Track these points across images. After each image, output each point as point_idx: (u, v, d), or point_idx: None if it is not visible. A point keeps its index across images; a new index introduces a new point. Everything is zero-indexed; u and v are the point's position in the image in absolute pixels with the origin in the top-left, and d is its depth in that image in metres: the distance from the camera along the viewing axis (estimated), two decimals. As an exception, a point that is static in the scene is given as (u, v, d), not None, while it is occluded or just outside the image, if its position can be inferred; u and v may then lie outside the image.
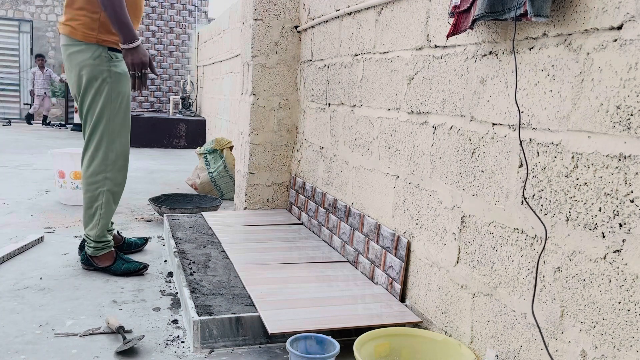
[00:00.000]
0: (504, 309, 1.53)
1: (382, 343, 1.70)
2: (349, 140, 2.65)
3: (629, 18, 1.13)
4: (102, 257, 2.58)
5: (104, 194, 2.53)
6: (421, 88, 1.99)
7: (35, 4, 11.83)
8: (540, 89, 1.40)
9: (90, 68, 2.44)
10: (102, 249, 2.58)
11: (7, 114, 11.93)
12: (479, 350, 1.64)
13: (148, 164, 6.33)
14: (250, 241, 2.83)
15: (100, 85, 2.45)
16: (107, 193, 2.54)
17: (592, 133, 1.23)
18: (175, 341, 1.93)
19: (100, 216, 2.54)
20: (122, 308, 2.20)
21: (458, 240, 1.76)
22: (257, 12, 3.30)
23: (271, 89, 3.39)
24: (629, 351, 1.13)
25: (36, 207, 3.87)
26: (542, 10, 1.30)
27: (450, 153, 1.80)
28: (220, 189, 4.48)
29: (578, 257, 1.27)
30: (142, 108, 10.31)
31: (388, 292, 2.15)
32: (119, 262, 2.59)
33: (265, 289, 2.15)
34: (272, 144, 3.46)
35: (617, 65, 1.16)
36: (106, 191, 2.53)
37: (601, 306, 1.20)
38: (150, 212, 3.89)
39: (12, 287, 2.36)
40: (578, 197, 1.27)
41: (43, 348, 1.83)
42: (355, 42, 2.56)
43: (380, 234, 2.26)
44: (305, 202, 3.19)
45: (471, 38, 1.69)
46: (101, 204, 2.54)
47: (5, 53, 11.83)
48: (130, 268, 2.57)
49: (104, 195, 2.54)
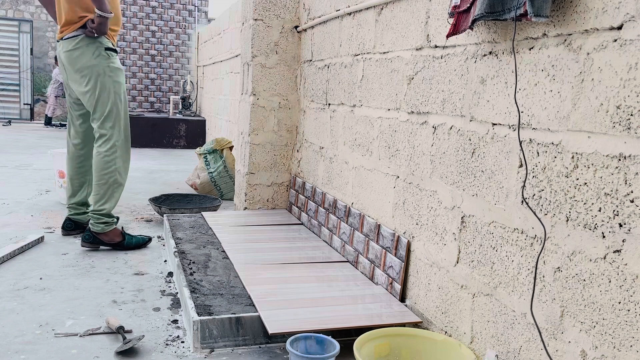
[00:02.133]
0: (504, 309, 1.53)
1: (382, 343, 1.70)
2: (349, 140, 2.65)
3: (629, 18, 1.13)
4: (110, 233, 2.88)
5: (117, 171, 2.88)
6: (421, 88, 1.99)
7: (35, 4, 11.83)
8: (540, 89, 1.40)
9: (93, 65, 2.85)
10: (111, 224, 2.88)
11: (7, 114, 11.92)
12: (479, 350, 1.64)
13: (148, 164, 6.33)
14: (250, 241, 2.83)
15: (104, 79, 2.85)
16: (119, 170, 2.89)
17: (592, 133, 1.23)
18: (175, 341, 1.93)
19: (114, 190, 2.87)
20: (122, 308, 2.20)
21: (458, 240, 1.76)
22: (257, 12, 3.30)
23: (271, 89, 3.39)
24: (629, 351, 1.13)
25: (36, 207, 3.87)
26: (542, 10, 1.30)
27: (450, 153, 1.80)
28: (220, 189, 4.48)
29: (578, 257, 1.27)
30: (142, 108, 10.31)
31: (388, 292, 2.15)
32: (128, 237, 2.90)
33: (265, 289, 2.15)
34: (272, 144, 3.46)
35: (617, 65, 1.16)
36: (118, 168, 2.89)
37: (601, 306, 1.20)
38: (150, 212, 3.89)
39: (12, 287, 2.36)
40: (578, 197, 1.27)
41: (43, 348, 1.83)
42: (355, 42, 2.56)
43: (380, 234, 2.26)
44: (305, 202, 3.19)
45: (471, 38, 1.69)
46: (115, 179, 2.88)
47: (5, 53, 11.82)
48: (141, 241, 2.91)
49: (117, 172, 2.88)
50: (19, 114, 12.08)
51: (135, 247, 2.92)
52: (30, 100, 12.06)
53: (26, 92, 12.01)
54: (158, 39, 10.02)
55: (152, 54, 9.91)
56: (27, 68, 11.92)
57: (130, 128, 3.00)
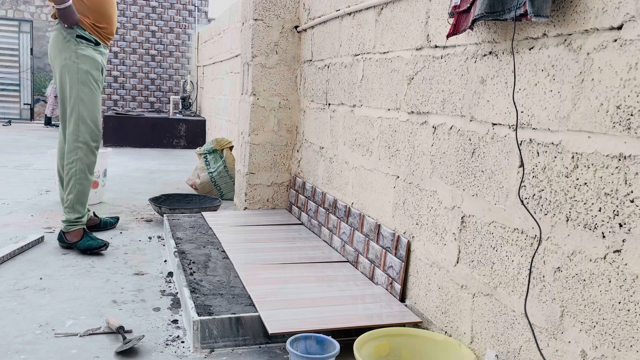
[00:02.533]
0: (504, 309, 1.53)
1: (382, 343, 1.70)
2: (349, 140, 2.65)
3: (629, 18, 1.13)
4: (72, 232, 2.89)
5: (77, 162, 2.87)
6: (421, 88, 1.99)
7: (35, 4, 11.83)
8: (540, 89, 1.40)
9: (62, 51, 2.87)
10: (75, 224, 2.88)
11: (7, 114, 11.92)
12: (479, 350, 1.64)
13: (148, 164, 6.33)
14: (250, 241, 2.83)
15: (70, 67, 2.85)
16: (79, 162, 2.87)
17: (592, 133, 1.23)
18: (175, 341, 1.93)
19: (76, 181, 2.87)
20: (122, 308, 2.20)
21: (458, 240, 1.76)
22: (257, 12, 3.30)
23: (271, 89, 3.39)
24: (629, 351, 1.13)
25: (36, 207, 3.87)
26: (542, 10, 1.30)
27: (450, 153, 1.80)
28: (220, 189, 4.48)
29: (578, 257, 1.27)
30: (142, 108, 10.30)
31: (388, 292, 2.14)
32: (85, 238, 2.87)
33: (265, 289, 2.15)
34: (272, 144, 3.46)
35: (617, 65, 1.16)
36: (79, 159, 2.87)
37: (601, 306, 1.20)
38: (150, 212, 3.89)
39: (12, 287, 2.36)
40: (578, 197, 1.27)
41: (43, 348, 1.83)
42: (355, 42, 2.56)
43: (380, 234, 2.26)
44: (305, 202, 3.19)
45: (471, 38, 1.69)
46: (76, 171, 2.87)
47: (5, 53, 11.82)
48: (93, 245, 2.85)
49: (77, 164, 2.87)
50: (19, 114, 12.08)
51: (86, 249, 2.83)
52: (30, 100, 12.06)
53: (26, 92, 12.01)
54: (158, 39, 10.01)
55: (152, 54, 9.91)
56: (27, 68, 11.91)
57: (102, 123, 3.02)
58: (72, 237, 2.88)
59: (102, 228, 3.33)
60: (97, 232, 3.22)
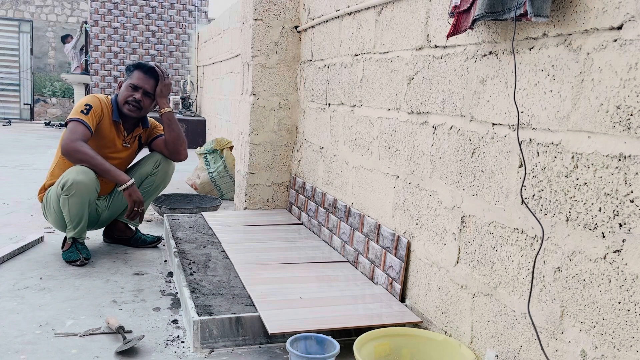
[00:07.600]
0: (504, 309, 1.53)
1: (382, 343, 1.70)
2: (349, 140, 2.65)
3: (629, 18, 1.13)
4: (65, 243, 2.80)
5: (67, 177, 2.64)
6: (421, 88, 1.99)
7: (35, 4, 11.83)
8: (540, 89, 1.40)
9: None
10: (67, 240, 2.78)
11: (7, 114, 11.93)
12: (479, 350, 1.64)
13: (148, 164, 6.32)
14: (250, 241, 2.83)
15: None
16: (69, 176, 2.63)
17: (592, 133, 1.23)
18: (175, 341, 1.93)
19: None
20: (122, 308, 2.20)
21: (458, 240, 1.76)
22: (257, 12, 3.30)
23: (271, 89, 3.39)
24: (629, 351, 1.13)
25: (36, 207, 3.87)
26: (542, 10, 1.30)
27: (450, 153, 1.80)
28: (220, 189, 4.47)
29: (578, 257, 1.27)
30: (142, 108, 10.30)
31: (388, 292, 2.15)
32: (70, 250, 2.72)
33: (265, 289, 2.15)
34: (272, 144, 3.46)
35: (617, 65, 1.16)
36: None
37: (601, 306, 1.20)
38: (150, 212, 3.89)
39: (12, 287, 2.36)
40: (578, 197, 1.27)
41: (43, 348, 1.83)
42: (355, 42, 2.56)
43: (380, 234, 2.26)
44: (305, 202, 3.19)
45: (471, 38, 1.69)
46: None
47: (5, 53, 11.82)
48: (70, 258, 2.70)
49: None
50: (19, 114, 12.09)
51: (66, 260, 2.71)
52: (30, 100, 12.07)
53: (26, 92, 12.02)
54: (158, 39, 10.01)
55: (152, 54, 9.91)
56: (27, 68, 11.92)
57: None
58: (65, 246, 2.79)
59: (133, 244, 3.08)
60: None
